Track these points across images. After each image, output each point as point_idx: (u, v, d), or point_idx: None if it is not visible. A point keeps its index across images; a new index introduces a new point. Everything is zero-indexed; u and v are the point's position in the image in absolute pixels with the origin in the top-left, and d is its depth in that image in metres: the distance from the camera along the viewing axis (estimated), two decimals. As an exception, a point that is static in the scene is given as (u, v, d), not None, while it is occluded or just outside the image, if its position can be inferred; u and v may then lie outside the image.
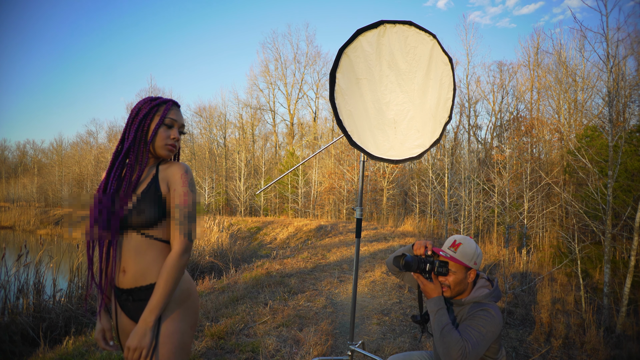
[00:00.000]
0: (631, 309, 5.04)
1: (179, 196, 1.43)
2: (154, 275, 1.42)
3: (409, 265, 1.70)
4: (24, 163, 48.90)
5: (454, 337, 1.55)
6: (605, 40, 4.73)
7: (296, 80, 31.51)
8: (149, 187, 1.45)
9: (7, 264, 4.80)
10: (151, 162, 1.52)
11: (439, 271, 1.71)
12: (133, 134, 1.44)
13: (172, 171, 1.47)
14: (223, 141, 31.39)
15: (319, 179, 22.34)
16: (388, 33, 2.78)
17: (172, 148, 1.49)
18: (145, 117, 1.46)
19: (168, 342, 1.39)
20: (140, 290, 1.42)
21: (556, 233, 11.54)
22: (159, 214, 1.43)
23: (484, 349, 1.57)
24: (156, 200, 1.43)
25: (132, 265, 1.42)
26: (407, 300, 5.08)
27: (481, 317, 1.62)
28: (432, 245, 1.77)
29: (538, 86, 20.87)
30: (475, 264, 1.74)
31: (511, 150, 13.48)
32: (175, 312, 1.43)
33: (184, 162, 1.54)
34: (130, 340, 1.32)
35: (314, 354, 3.22)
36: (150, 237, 1.43)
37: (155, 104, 1.48)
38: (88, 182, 32.82)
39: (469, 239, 1.77)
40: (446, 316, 1.63)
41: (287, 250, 10.78)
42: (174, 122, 1.50)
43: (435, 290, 1.69)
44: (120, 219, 1.40)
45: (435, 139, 2.81)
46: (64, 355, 3.23)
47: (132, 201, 1.42)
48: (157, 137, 1.47)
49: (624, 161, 7.27)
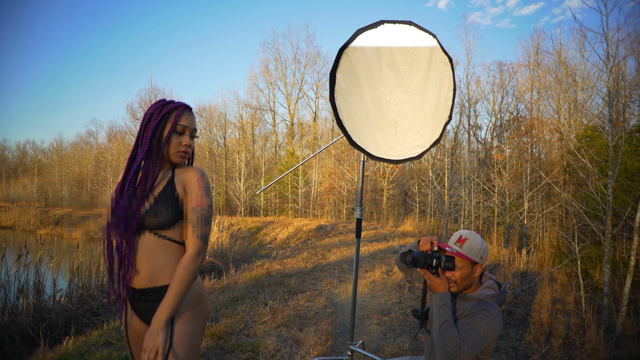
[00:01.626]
0: (631, 309, 5.04)
1: (195, 199, 1.47)
2: (167, 277, 1.44)
3: (416, 261, 1.71)
4: (24, 163, 48.88)
5: (452, 334, 1.56)
6: (605, 40, 4.74)
7: (296, 80, 31.55)
8: (166, 189, 1.48)
9: (7, 264, 4.81)
10: (167, 166, 1.55)
11: (445, 266, 1.72)
12: (147, 142, 1.47)
13: (188, 175, 1.50)
14: (223, 141, 31.40)
15: (319, 179, 22.34)
16: (388, 33, 2.78)
17: (184, 155, 1.52)
18: (158, 125, 1.48)
19: (182, 341, 1.41)
20: (153, 291, 1.44)
21: (556, 233, 11.54)
22: (175, 215, 1.46)
23: (479, 349, 1.58)
24: (172, 202, 1.46)
25: (146, 265, 1.44)
26: (407, 300, 5.08)
27: (482, 317, 1.62)
28: (438, 241, 1.78)
29: (538, 86, 20.88)
30: (482, 259, 1.75)
31: (511, 150, 13.48)
32: (188, 314, 1.45)
33: (199, 167, 1.56)
34: (146, 341, 1.35)
35: (314, 354, 3.22)
36: (164, 237, 1.45)
37: (167, 111, 1.50)
38: (88, 182, 32.81)
39: (474, 234, 1.77)
40: (449, 313, 1.64)
41: (287, 250, 10.78)
42: (185, 129, 1.52)
43: (442, 285, 1.71)
44: (137, 220, 1.43)
45: (435, 139, 2.81)
46: (64, 355, 3.23)
47: (149, 202, 1.45)
48: (170, 144, 1.50)
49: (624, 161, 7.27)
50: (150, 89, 30.28)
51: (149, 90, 32.84)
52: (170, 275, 1.44)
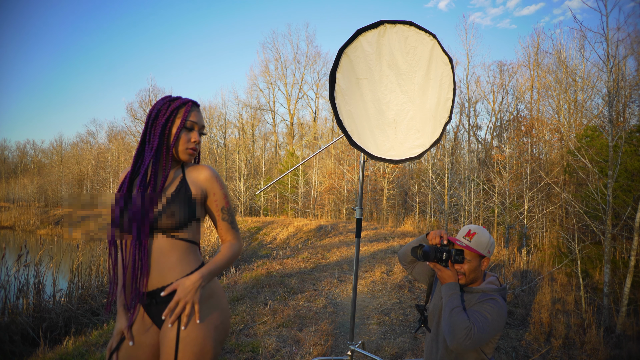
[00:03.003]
0: (631, 309, 5.04)
1: (221, 199, 1.51)
2: (176, 274, 1.39)
3: (427, 255, 1.74)
4: (24, 163, 48.85)
5: (462, 318, 1.60)
6: (605, 40, 4.74)
7: (296, 80, 31.55)
8: (179, 189, 1.43)
9: (7, 264, 4.81)
10: (176, 165, 1.51)
11: (455, 259, 1.77)
12: (157, 139, 1.41)
13: (203, 176, 1.49)
14: (223, 141, 31.40)
15: (319, 179, 22.34)
16: (388, 33, 2.78)
17: (192, 152, 1.48)
18: (167, 121, 1.43)
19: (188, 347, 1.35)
20: (161, 290, 1.39)
21: (556, 233, 11.54)
22: (190, 216, 1.42)
23: (488, 336, 1.62)
24: (187, 202, 1.42)
25: (155, 266, 1.39)
26: (407, 300, 5.08)
27: (490, 304, 1.68)
28: (447, 235, 1.82)
29: (538, 86, 20.88)
30: (489, 253, 1.81)
31: (511, 150, 13.48)
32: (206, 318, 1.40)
33: (206, 164, 1.57)
34: (180, 292, 1.34)
35: (314, 354, 3.22)
36: (176, 238, 1.41)
37: (175, 107, 1.45)
38: (88, 182, 32.80)
39: (482, 229, 1.83)
40: (458, 300, 1.69)
41: (287, 250, 10.78)
42: (195, 125, 1.48)
43: (452, 276, 1.76)
44: (150, 222, 1.38)
45: (435, 139, 2.81)
46: (64, 355, 3.23)
47: (162, 203, 1.39)
48: (179, 141, 1.45)
49: (624, 161, 7.27)
50: (150, 89, 30.31)
51: (149, 90, 32.87)
52: (179, 273, 1.40)
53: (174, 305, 1.34)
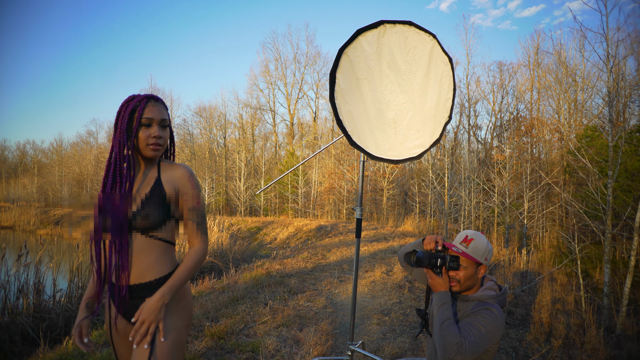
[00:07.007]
0: (631, 309, 5.04)
1: (191, 199, 1.50)
2: (154, 273, 1.45)
3: (421, 262, 1.69)
4: (24, 163, 48.86)
5: (452, 332, 1.55)
6: (605, 40, 4.74)
7: (296, 80, 31.54)
8: (154, 189, 1.46)
9: (7, 264, 4.80)
10: (150, 164, 1.51)
11: (450, 266, 1.71)
12: (118, 142, 1.43)
13: (177, 175, 1.50)
14: (223, 141, 31.39)
15: (319, 179, 22.34)
16: (388, 33, 2.78)
17: (155, 147, 1.46)
18: (127, 122, 1.44)
19: (167, 336, 1.42)
20: (139, 287, 1.45)
21: (556, 233, 11.54)
22: (165, 216, 1.46)
23: (482, 348, 1.57)
24: (161, 202, 1.45)
25: (134, 264, 1.44)
26: (407, 300, 5.08)
27: (483, 315, 1.61)
28: (443, 240, 1.77)
29: (538, 86, 20.88)
30: (486, 260, 1.74)
31: (511, 150, 13.48)
32: (173, 310, 1.47)
33: (184, 163, 1.56)
34: (144, 313, 1.37)
35: (314, 354, 3.22)
36: (154, 237, 1.46)
37: (132, 107, 1.44)
38: (88, 182, 32.81)
39: (480, 235, 1.77)
40: (449, 311, 1.63)
41: (287, 250, 10.78)
42: (151, 120, 1.45)
43: (443, 285, 1.70)
44: (126, 222, 1.43)
45: (435, 139, 2.81)
46: (64, 356, 3.23)
47: (136, 204, 1.43)
48: (139, 140, 1.45)
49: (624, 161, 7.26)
50: (150, 89, 30.22)
51: (149, 90, 32.85)
52: (157, 272, 1.45)
53: (139, 326, 1.37)
